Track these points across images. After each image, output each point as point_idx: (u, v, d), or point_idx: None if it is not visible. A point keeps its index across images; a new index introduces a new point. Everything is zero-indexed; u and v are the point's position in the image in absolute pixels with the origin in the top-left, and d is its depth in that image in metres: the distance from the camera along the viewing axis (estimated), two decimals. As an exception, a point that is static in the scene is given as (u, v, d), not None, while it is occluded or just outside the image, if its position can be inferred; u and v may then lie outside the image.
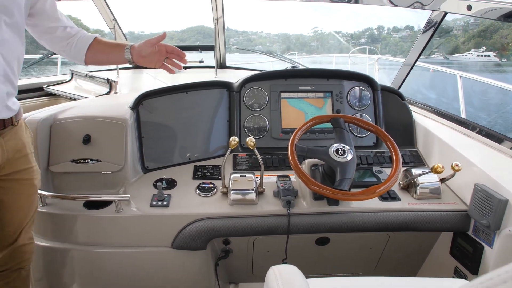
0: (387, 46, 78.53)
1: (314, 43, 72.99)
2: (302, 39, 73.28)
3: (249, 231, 1.55)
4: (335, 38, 66.18)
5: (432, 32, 2.04)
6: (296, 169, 1.43)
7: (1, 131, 1.22)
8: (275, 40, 67.26)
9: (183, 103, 1.93)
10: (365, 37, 74.63)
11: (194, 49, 3.43)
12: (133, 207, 1.57)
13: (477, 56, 54.36)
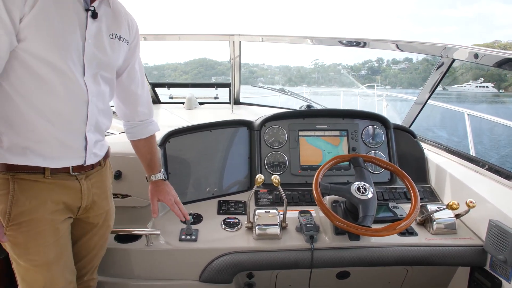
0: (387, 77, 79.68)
1: (315, 75, 74.20)
2: (303, 71, 74.50)
3: (273, 265, 1.62)
4: (335, 70, 67.37)
5: (442, 75, 2.18)
6: (322, 206, 1.52)
7: (89, 172, 1.30)
8: (276, 72, 68.36)
9: (207, 141, 2.04)
10: (365, 69, 75.87)
11: (210, 85, 3.59)
12: (162, 241, 1.64)
13: (475, 87, 55.09)
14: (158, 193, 1.61)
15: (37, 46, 1.07)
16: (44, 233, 1.18)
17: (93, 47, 1.19)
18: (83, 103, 1.19)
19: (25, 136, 1.13)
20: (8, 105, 1.11)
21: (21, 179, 1.14)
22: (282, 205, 1.75)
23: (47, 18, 1.07)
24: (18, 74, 1.09)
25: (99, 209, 1.37)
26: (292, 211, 1.80)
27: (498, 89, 51.08)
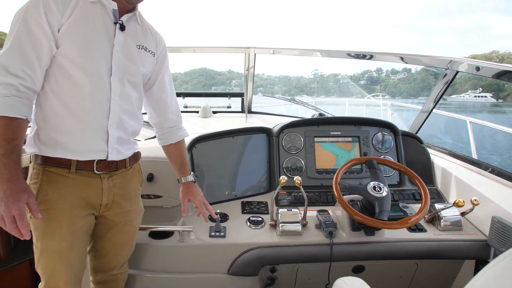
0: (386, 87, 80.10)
1: (314, 85, 74.52)
2: (303, 81, 74.80)
3: (296, 259, 1.77)
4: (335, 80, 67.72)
5: (446, 85, 2.36)
6: (342, 203, 1.68)
7: (113, 173, 1.43)
8: (276, 82, 68.69)
9: (229, 146, 2.21)
10: (364, 79, 76.31)
11: (224, 95, 3.77)
12: (193, 237, 1.80)
13: (474, 97, 55.48)
14: (188, 193, 1.73)
15: (71, 51, 1.26)
16: (61, 223, 1.32)
17: (120, 54, 1.36)
18: (105, 100, 1.34)
19: (57, 130, 1.29)
20: (46, 103, 1.29)
21: (50, 171, 1.30)
22: (300, 206, 1.91)
23: (79, 28, 1.26)
24: (56, 75, 1.27)
25: (120, 209, 1.49)
26: (310, 210, 1.95)
27: (497, 99, 51.44)
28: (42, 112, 1.30)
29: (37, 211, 1.20)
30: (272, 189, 2.21)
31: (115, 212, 1.48)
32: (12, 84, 1.17)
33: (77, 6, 1.26)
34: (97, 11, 1.31)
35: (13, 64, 1.17)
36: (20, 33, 1.19)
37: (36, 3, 1.20)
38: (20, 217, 1.15)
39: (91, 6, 1.30)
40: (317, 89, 73.12)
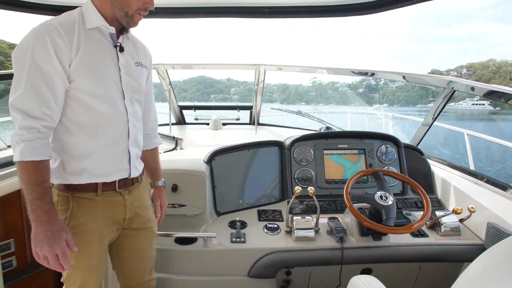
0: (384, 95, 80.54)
1: (313, 93, 74.90)
2: (301, 89, 75.19)
3: (310, 262, 1.95)
4: (333, 88, 68.04)
5: (446, 101, 2.56)
6: (353, 211, 1.86)
7: (130, 188, 1.52)
8: (274, 90, 69.04)
9: (245, 158, 2.39)
10: (362, 87, 76.79)
11: (233, 108, 3.97)
12: (216, 243, 1.97)
13: (472, 105, 55.82)
14: (160, 197, 1.81)
15: (84, 83, 1.32)
16: (92, 243, 1.41)
17: (126, 76, 1.44)
18: (124, 122, 1.43)
19: (81, 159, 1.36)
20: (67, 136, 1.35)
21: (78, 197, 1.38)
22: (312, 213, 2.10)
23: (88, 60, 1.32)
24: (72, 107, 1.33)
25: (141, 219, 1.59)
26: (321, 218, 2.13)
27: (494, 107, 51.89)
28: (63, 144, 1.35)
29: (73, 245, 1.29)
30: (285, 198, 2.39)
31: (136, 223, 1.59)
32: (34, 126, 1.22)
33: (80, 36, 1.31)
34: (98, 37, 1.37)
35: (31, 107, 1.22)
36: (32, 75, 1.22)
37: (42, 41, 1.23)
38: (63, 255, 1.24)
39: (91, 33, 1.35)
40: (315, 97, 73.40)
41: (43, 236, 1.22)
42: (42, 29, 1.24)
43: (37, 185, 1.22)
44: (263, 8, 2.37)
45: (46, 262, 1.25)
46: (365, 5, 2.09)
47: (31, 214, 1.23)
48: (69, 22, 1.31)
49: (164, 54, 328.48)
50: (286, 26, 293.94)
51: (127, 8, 1.36)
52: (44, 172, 1.25)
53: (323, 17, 2.36)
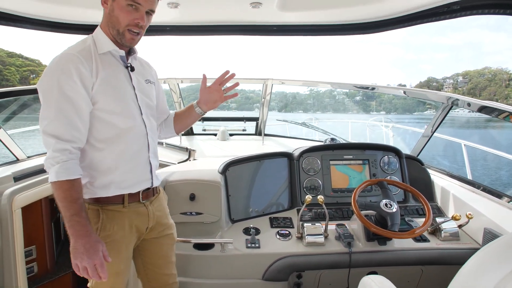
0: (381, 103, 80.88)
1: (310, 101, 75.33)
2: (299, 97, 75.55)
3: (320, 265, 2.09)
4: (330, 96, 68.38)
5: (444, 115, 2.73)
6: (360, 218, 2.01)
7: (151, 198, 1.66)
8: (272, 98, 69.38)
9: (257, 169, 2.54)
10: (360, 95, 77.07)
11: (240, 120, 4.13)
12: (232, 248, 2.11)
13: (468, 112, 56.12)
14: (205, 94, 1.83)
15: (106, 103, 1.44)
16: (120, 250, 1.53)
17: (140, 93, 1.58)
18: (144, 136, 1.58)
19: (109, 173, 1.49)
20: (94, 153, 1.47)
21: (108, 209, 1.51)
22: (321, 220, 2.24)
23: (107, 82, 1.45)
24: (96, 127, 1.45)
25: (161, 226, 1.73)
26: (329, 224, 2.27)
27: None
28: (91, 161, 1.47)
29: (108, 255, 1.39)
30: (294, 206, 2.54)
31: (157, 230, 1.72)
32: (66, 148, 1.34)
33: (97, 62, 1.44)
34: (111, 61, 1.50)
35: (63, 132, 1.34)
36: (61, 103, 1.34)
37: (68, 71, 1.34)
38: (101, 266, 1.35)
39: (105, 57, 1.48)
40: (313, 105, 73.69)
41: (82, 249, 1.33)
42: (66, 60, 1.37)
43: (73, 202, 1.34)
44: (272, 27, 2.55)
45: (85, 273, 1.35)
46: (362, 25, 2.29)
47: (69, 229, 1.34)
48: (86, 50, 1.44)
49: (174, 68, 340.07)
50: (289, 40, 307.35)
51: (117, 26, 1.46)
52: (78, 189, 1.37)
53: (326, 35, 2.55)
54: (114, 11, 1.44)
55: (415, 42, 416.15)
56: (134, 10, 1.44)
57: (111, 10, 1.45)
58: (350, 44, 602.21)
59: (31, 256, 2.59)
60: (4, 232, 2.13)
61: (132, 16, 1.45)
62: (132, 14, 1.44)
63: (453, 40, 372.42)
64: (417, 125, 5.76)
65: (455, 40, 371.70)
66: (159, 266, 1.80)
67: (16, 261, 2.17)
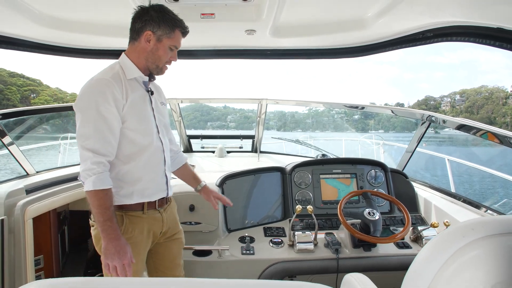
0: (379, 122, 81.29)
1: (309, 120, 75.67)
2: (297, 116, 75.96)
3: (310, 271, 2.25)
4: (329, 115, 68.80)
5: (424, 131, 2.94)
6: (346, 225, 2.18)
7: (165, 206, 1.86)
8: (271, 117, 69.75)
9: (252, 182, 2.73)
10: (358, 114, 77.51)
11: (237, 137, 4.34)
12: (229, 254, 2.27)
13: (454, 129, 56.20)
14: (210, 193, 2.14)
15: (132, 123, 1.65)
16: (139, 252, 1.72)
17: (158, 114, 1.80)
18: (161, 152, 1.79)
19: (133, 184, 1.69)
20: (120, 167, 1.67)
21: (130, 215, 1.70)
22: (311, 230, 2.41)
23: (134, 104, 1.66)
24: (123, 143, 1.65)
25: (173, 231, 1.94)
26: (319, 233, 2.44)
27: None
28: (118, 173, 1.66)
29: (132, 257, 1.58)
30: (287, 217, 2.71)
31: (169, 235, 1.92)
32: (102, 162, 1.54)
33: (126, 86, 1.65)
34: (136, 85, 1.72)
35: (99, 147, 1.54)
36: (98, 122, 1.54)
37: (104, 94, 1.55)
38: (129, 265, 1.54)
39: (131, 82, 1.69)
40: (312, 125, 73.97)
41: (113, 250, 1.52)
42: (102, 84, 1.57)
43: (107, 209, 1.53)
44: (266, 51, 2.78)
45: (114, 271, 1.53)
46: (349, 50, 2.51)
47: (103, 232, 1.53)
48: (116, 75, 1.64)
49: (174, 89, 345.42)
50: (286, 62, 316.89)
51: (158, 62, 1.72)
52: (111, 198, 1.56)
53: (316, 59, 2.78)
54: (158, 50, 1.69)
55: (412, 61, 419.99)
56: (171, 51, 1.73)
57: (154, 49, 1.69)
58: (347, 64, 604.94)
59: (39, 265, 2.74)
60: (16, 241, 2.30)
61: (170, 55, 1.74)
62: (170, 54, 1.73)
63: (449, 59, 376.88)
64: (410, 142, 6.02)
65: (451, 59, 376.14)
66: (169, 268, 1.96)
67: (26, 268, 2.33)
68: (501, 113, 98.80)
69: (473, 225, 1.06)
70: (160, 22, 1.66)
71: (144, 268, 1.83)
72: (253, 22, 2.18)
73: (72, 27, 2.25)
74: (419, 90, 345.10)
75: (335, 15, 2.19)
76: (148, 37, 1.67)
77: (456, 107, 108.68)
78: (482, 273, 0.97)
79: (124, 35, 2.33)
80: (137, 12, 1.68)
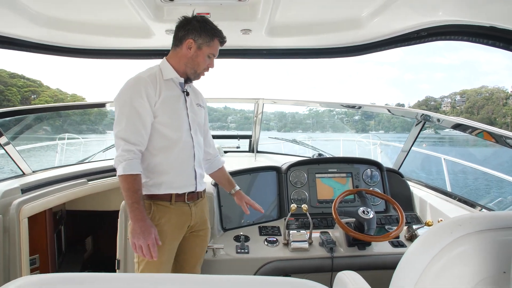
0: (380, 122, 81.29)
1: (309, 120, 75.62)
2: (298, 117, 75.92)
3: (304, 269, 2.25)
4: (329, 116, 68.78)
5: (419, 131, 2.94)
6: (340, 224, 2.18)
7: (196, 201, 1.93)
8: (271, 118, 69.68)
9: (247, 182, 2.73)
10: (358, 114, 77.53)
11: (234, 137, 4.34)
12: (224, 253, 2.28)
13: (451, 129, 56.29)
14: (243, 198, 2.22)
15: (164, 118, 1.79)
16: (165, 242, 1.78)
17: (191, 113, 1.92)
18: (191, 147, 1.89)
19: (162, 175, 1.81)
20: (150, 158, 1.81)
21: (158, 204, 1.81)
22: (306, 228, 2.41)
23: (166, 101, 1.80)
24: (154, 136, 1.80)
25: (200, 227, 1.99)
26: (314, 232, 2.44)
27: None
28: (148, 164, 1.81)
29: (159, 239, 1.69)
30: (282, 216, 2.72)
31: (195, 230, 1.98)
32: (132, 150, 1.69)
33: (161, 85, 1.80)
34: (172, 85, 1.86)
35: (131, 137, 1.70)
36: (131, 115, 1.70)
37: (138, 91, 1.72)
38: (153, 245, 1.65)
39: (167, 82, 1.85)
40: (312, 125, 73.90)
41: (139, 230, 1.65)
42: (138, 82, 1.74)
43: (135, 192, 1.67)
44: (262, 51, 2.78)
45: (140, 251, 1.65)
46: (344, 49, 2.52)
47: (131, 213, 1.66)
48: (153, 75, 1.80)
49: None
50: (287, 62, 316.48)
51: (197, 68, 1.88)
52: (139, 183, 1.70)
53: (312, 58, 2.78)
54: (198, 57, 1.85)
55: (412, 62, 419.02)
56: (209, 58, 1.88)
57: (194, 56, 1.85)
58: (348, 65, 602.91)
59: (35, 265, 2.75)
60: (11, 240, 2.30)
61: (208, 62, 1.90)
62: (208, 61, 1.89)
63: (449, 60, 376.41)
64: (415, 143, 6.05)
65: (451, 60, 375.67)
66: (188, 262, 2.03)
67: (21, 267, 2.34)
68: (502, 113, 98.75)
69: (461, 221, 1.08)
70: (201, 32, 1.82)
71: (170, 262, 1.88)
72: (248, 21, 2.19)
73: (69, 27, 2.27)
74: (420, 90, 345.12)
75: (330, 15, 2.20)
76: (190, 44, 1.83)
77: (456, 108, 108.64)
78: (470, 268, 0.99)
79: (118, 34, 2.35)
80: (181, 22, 1.85)
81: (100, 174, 3.36)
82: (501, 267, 0.99)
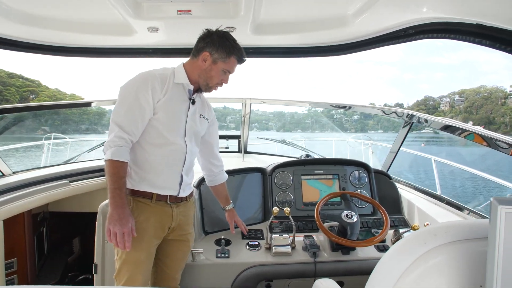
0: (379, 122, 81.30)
1: (308, 120, 75.68)
2: (297, 116, 75.94)
3: (286, 275, 2.18)
4: (328, 115, 68.76)
5: (407, 132, 2.88)
6: (322, 228, 2.11)
7: (179, 203, 1.91)
8: (270, 118, 69.72)
9: (231, 183, 2.65)
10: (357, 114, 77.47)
11: (222, 138, 4.27)
12: (204, 258, 2.21)
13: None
14: (233, 217, 2.33)
15: (163, 118, 1.79)
16: (142, 240, 1.76)
17: (191, 121, 1.91)
18: (183, 153, 1.87)
19: (145, 170, 1.80)
20: (140, 153, 1.81)
21: (138, 201, 1.80)
22: (290, 232, 2.34)
23: (170, 102, 1.81)
24: (150, 133, 1.80)
25: (182, 231, 1.96)
26: (298, 236, 2.37)
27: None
28: (135, 158, 1.81)
29: (134, 230, 1.68)
30: (266, 219, 2.64)
31: (178, 233, 1.95)
32: (124, 138, 1.70)
33: (169, 86, 1.81)
34: (180, 89, 1.87)
35: (126, 125, 1.71)
36: (133, 105, 1.72)
37: (145, 84, 1.74)
38: (128, 235, 1.63)
39: (177, 86, 1.86)
40: (311, 125, 73.92)
41: (116, 217, 1.63)
42: (148, 75, 1.78)
43: (119, 178, 1.67)
44: (248, 49, 2.71)
45: (114, 238, 1.63)
46: (331, 48, 2.45)
47: (111, 199, 1.65)
48: (165, 75, 1.83)
49: None
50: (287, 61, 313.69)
51: (209, 81, 1.89)
52: (125, 170, 1.70)
53: (300, 57, 2.71)
54: (211, 71, 1.86)
55: (412, 62, 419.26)
56: (224, 74, 1.89)
57: (208, 69, 1.86)
58: (348, 65, 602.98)
59: (12, 269, 2.67)
60: None
61: (222, 78, 1.91)
62: (222, 76, 1.90)
63: (449, 60, 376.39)
64: (412, 143, 5.97)
65: (451, 60, 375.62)
66: (169, 266, 2.01)
67: (-4, 272, 2.26)
68: (500, 113, 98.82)
69: (436, 231, 1.03)
70: (219, 47, 1.83)
71: (149, 263, 1.85)
72: (232, 19, 2.12)
73: (46, 24, 2.20)
74: (419, 90, 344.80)
75: (315, 12, 2.14)
76: (205, 57, 1.85)
77: (455, 107, 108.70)
78: (445, 279, 0.96)
79: (99, 32, 2.28)
80: (203, 34, 1.88)
81: (86, 174, 3.29)
82: (478, 278, 0.95)
